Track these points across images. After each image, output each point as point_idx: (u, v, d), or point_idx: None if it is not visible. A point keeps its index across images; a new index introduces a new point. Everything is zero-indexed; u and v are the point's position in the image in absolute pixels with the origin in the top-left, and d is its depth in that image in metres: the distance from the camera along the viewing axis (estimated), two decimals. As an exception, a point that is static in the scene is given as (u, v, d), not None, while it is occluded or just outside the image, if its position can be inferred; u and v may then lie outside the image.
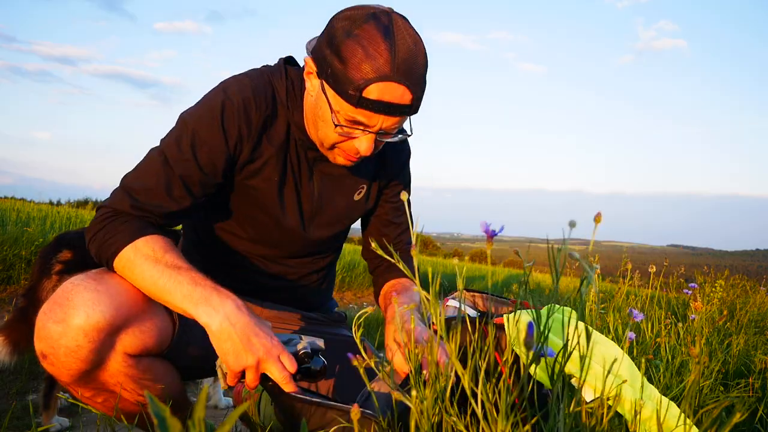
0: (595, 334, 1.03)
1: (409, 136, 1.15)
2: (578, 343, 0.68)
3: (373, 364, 0.90)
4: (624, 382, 0.83)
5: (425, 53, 1.05)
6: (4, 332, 1.68)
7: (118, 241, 1.03)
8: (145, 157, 1.12)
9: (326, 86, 1.05)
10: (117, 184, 1.11)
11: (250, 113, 1.13)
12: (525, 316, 1.03)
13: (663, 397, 0.93)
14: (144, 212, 1.07)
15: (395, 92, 1.01)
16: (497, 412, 0.70)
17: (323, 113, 1.09)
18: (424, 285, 0.81)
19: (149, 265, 1.00)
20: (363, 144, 1.08)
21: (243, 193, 1.22)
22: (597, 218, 0.64)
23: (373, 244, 0.85)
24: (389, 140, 1.12)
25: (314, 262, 1.40)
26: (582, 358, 0.70)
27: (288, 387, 0.98)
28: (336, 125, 1.07)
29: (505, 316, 1.06)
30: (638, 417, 0.82)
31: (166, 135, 1.13)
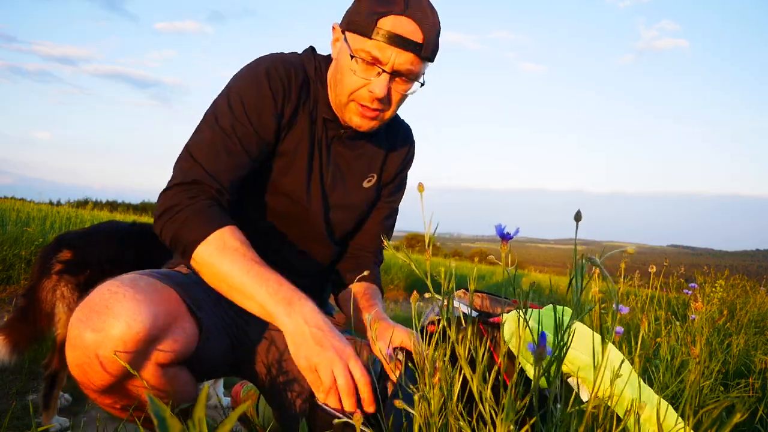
0: (594, 336, 1.03)
1: (422, 85, 1.20)
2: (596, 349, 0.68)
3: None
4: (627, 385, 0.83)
5: (437, 16, 1.15)
6: (4, 332, 1.68)
7: (198, 228, 1.06)
8: (199, 129, 1.18)
9: (347, 34, 1.16)
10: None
11: (291, 77, 1.22)
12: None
13: (662, 399, 0.93)
14: (213, 182, 1.11)
15: (407, 27, 1.10)
16: (498, 413, 0.70)
17: (343, 64, 1.17)
18: (433, 284, 0.81)
19: (237, 258, 1.04)
20: (377, 85, 1.14)
21: (275, 161, 1.26)
22: (577, 216, 0.65)
23: (386, 242, 0.91)
24: (404, 92, 1.18)
25: (319, 252, 1.38)
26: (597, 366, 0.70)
27: (348, 400, 0.95)
28: (352, 57, 1.14)
29: (504, 315, 1.06)
30: (638, 418, 0.82)
31: (213, 107, 1.19)
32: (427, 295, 0.88)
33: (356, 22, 1.13)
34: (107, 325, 0.92)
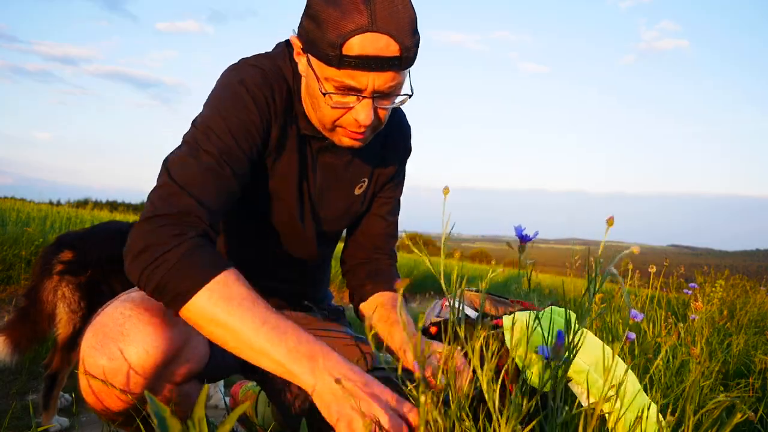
0: (591, 337, 1.03)
1: (410, 96, 1.06)
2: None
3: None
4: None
5: (409, 2, 0.97)
6: (4, 332, 1.68)
7: (195, 272, 0.88)
8: (179, 155, 1.00)
9: (311, 58, 0.99)
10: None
11: (275, 93, 1.08)
12: (523, 317, 1.03)
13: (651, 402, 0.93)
14: (205, 214, 0.95)
15: (377, 43, 0.93)
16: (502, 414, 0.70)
17: (314, 89, 1.02)
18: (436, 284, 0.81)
19: (247, 309, 0.88)
20: (361, 113, 1.00)
21: (264, 180, 1.15)
22: (610, 221, 0.66)
23: (406, 239, 0.84)
24: (391, 105, 1.04)
25: (317, 257, 1.32)
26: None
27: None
28: (324, 94, 0.99)
29: (504, 317, 1.06)
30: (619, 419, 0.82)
31: (192, 131, 1.03)
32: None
33: (318, 49, 0.96)
34: (124, 352, 0.89)
